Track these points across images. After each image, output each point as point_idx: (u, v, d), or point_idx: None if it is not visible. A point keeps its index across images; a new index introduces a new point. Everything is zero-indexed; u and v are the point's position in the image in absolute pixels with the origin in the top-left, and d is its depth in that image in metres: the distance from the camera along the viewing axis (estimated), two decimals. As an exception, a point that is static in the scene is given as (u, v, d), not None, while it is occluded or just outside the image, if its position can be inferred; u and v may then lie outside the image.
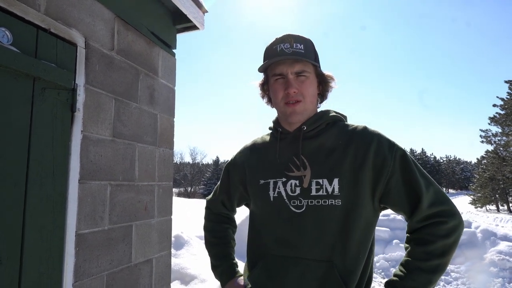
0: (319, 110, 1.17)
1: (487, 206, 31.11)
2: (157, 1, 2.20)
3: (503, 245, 7.07)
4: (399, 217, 8.64)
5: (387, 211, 7.11)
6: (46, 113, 1.38)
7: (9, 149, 1.23)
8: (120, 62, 1.84)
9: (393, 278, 0.98)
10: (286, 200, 1.06)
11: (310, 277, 1.00)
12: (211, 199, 1.38)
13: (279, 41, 1.08)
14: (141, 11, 2.04)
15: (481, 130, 29.44)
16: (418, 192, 0.97)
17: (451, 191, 73.57)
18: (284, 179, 1.08)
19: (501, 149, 28.87)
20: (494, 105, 28.42)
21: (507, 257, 6.62)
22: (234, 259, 1.28)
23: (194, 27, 2.46)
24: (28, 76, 1.30)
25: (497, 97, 28.81)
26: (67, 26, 1.50)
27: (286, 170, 1.09)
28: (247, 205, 1.30)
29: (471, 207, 30.82)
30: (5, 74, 1.22)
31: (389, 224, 8.76)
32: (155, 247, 2.09)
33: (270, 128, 1.24)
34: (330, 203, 1.00)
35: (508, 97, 27.48)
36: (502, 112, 27.88)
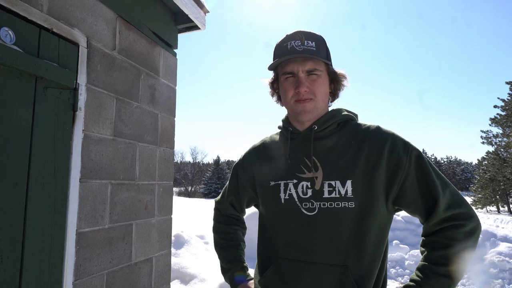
0: (330, 109, 1.13)
1: (488, 207, 31.03)
2: (158, 1, 2.21)
3: (503, 246, 7.06)
4: (399, 217, 8.63)
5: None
6: (48, 112, 1.38)
7: (11, 147, 1.24)
8: (121, 61, 1.85)
9: (409, 283, 0.95)
10: (297, 203, 1.03)
11: (325, 282, 0.96)
12: (219, 200, 1.36)
13: (289, 38, 1.04)
14: (143, 11, 2.05)
15: (482, 131, 29.37)
16: (435, 194, 0.94)
17: (451, 192, 73.11)
18: (295, 181, 1.05)
19: (501, 150, 28.80)
20: (495, 106, 28.37)
21: (507, 258, 6.61)
22: (245, 262, 1.25)
23: (195, 27, 2.47)
24: (31, 75, 1.31)
25: (498, 98, 28.79)
26: (69, 26, 1.51)
27: (297, 172, 1.05)
28: (256, 206, 1.27)
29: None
30: (7, 73, 1.23)
31: (389, 224, 8.74)
32: (155, 246, 2.10)
33: (280, 127, 1.20)
34: (343, 205, 0.97)
35: (509, 98, 27.41)
36: (503, 113, 27.81)
